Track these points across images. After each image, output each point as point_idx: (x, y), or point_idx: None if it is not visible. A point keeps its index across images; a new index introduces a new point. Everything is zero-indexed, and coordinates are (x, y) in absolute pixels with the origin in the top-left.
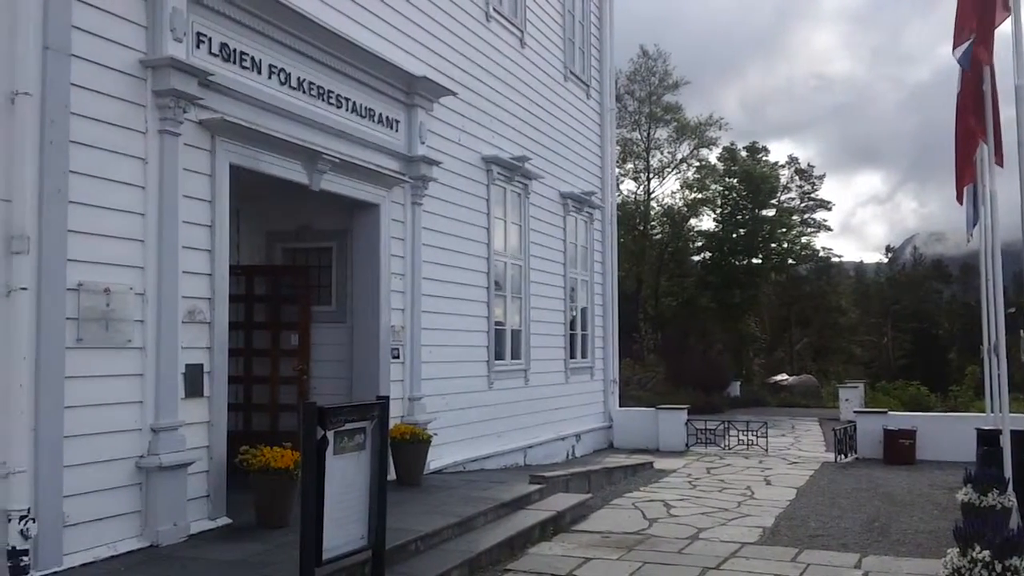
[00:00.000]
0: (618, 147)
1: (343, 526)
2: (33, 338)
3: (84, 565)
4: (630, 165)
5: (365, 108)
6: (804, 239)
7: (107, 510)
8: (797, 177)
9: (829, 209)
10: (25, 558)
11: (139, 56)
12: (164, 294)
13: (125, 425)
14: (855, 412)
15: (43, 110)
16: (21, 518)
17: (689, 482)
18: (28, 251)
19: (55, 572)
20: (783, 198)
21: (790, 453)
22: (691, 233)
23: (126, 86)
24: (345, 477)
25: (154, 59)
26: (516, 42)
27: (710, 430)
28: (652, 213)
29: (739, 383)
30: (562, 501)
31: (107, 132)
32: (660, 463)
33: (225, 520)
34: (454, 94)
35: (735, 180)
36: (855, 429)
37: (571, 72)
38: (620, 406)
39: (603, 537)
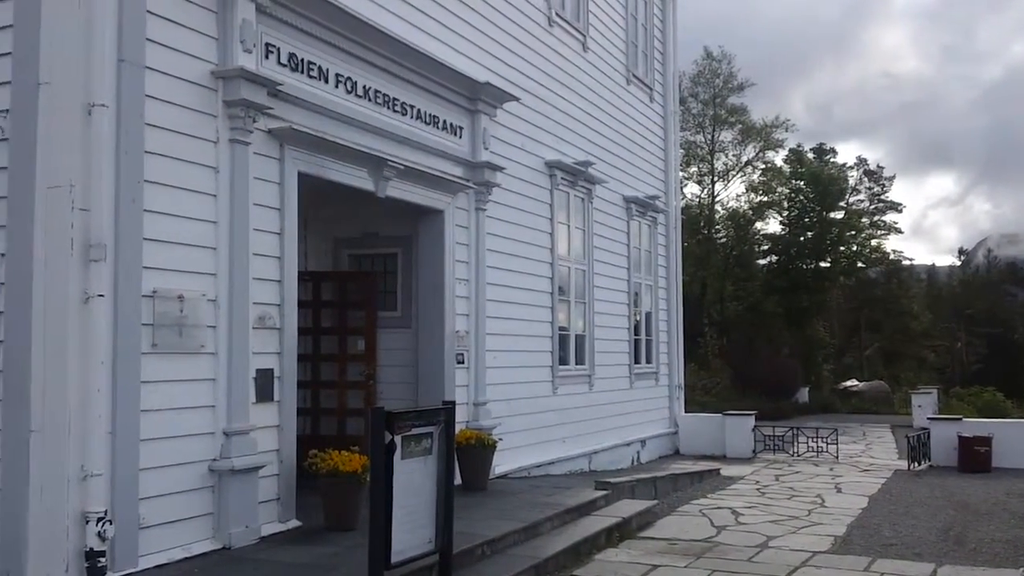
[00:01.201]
0: (682, 150)
1: (411, 530)
2: (110, 344)
3: (159, 566)
4: (694, 168)
5: (429, 115)
6: (874, 242)
7: (181, 512)
8: (866, 179)
9: (899, 211)
10: (102, 559)
11: (210, 67)
12: (235, 300)
13: (198, 429)
14: (928, 418)
15: (119, 121)
16: (99, 520)
17: (757, 489)
18: (105, 259)
19: (131, 573)
20: (852, 200)
21: (861, 460)
22: (757, 236)
23: (198, 97)
24: (412, 481)
25: (225, 70)
26: (579, 46)
27: (778, 436)
28: (717, 216)
29: (808, 389)
30: (628, 507)
31: (180, 142)
32: (727, 470)
33: (295, 523)
34: (517, 99)
35: (802, 182)
36: (929, 436)
37: (634, 75)
38: (685, 411)
39: (670, 544)
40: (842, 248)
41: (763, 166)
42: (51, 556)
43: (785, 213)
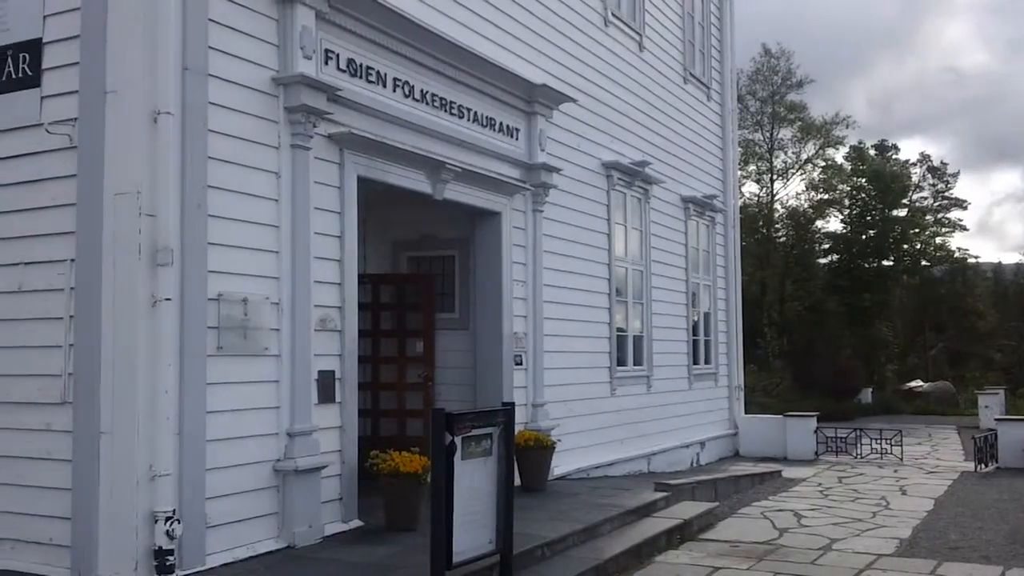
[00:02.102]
0: (740, 148)
1: (471, 530)
2: (177, 346)
3: (225, 565)
4: (752, 167)
5: (486, 117)
6: (938, 240)
7: (246, 512)
8: (930, 175)
9: (964, 208)
10: (171, 557)
11: (271, 74)
12: (297, 303)
13: (262, 430)
14: (996, 420)
15: (183, 128)
16: (167, 519)
17: (820, 491)
18: (172, 263)
19: (198, 571)
20: (915, 197)
21: (927, 462)
22: (817, 235)
23: (259, 103)
24: (472, 482)
25: (286, 76)
26: (635, 46)
27: (840, 438)
28: (776, 215)
29: (871, 390)
30: (688, 509)
31: (242, 148)
32: (788, 472)
33: (357, 523)
34: (574, 100)
35: (863, 180)
36: (996, 437)
37: (691, 74)
38: (745, 413)
39: (731, 546)
40: (905, 246)
41: (823, 164)
42: (121, 554)
43: (846, 211)
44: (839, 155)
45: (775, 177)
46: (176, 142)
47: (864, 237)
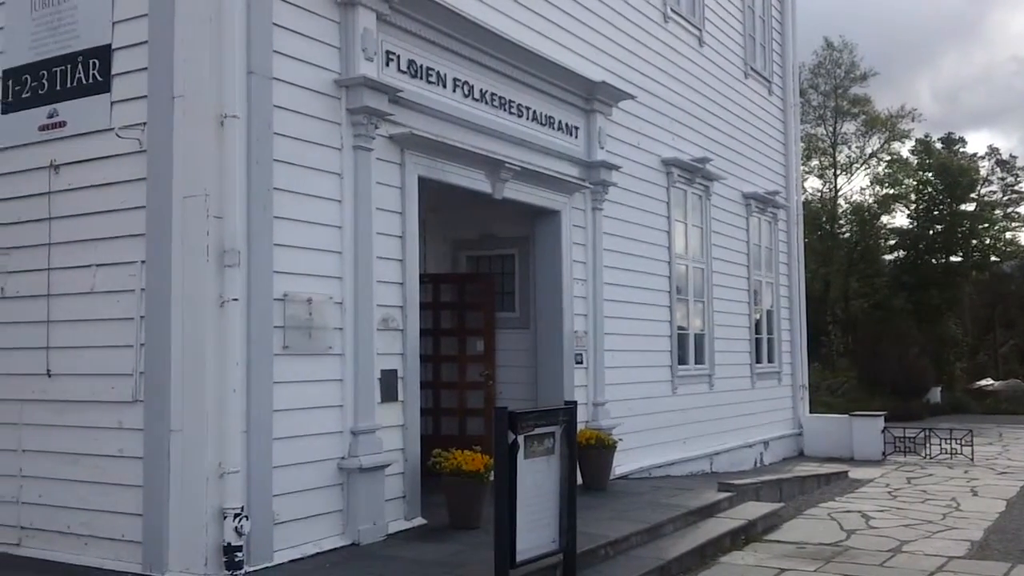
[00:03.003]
0: (802, 143)
1: (534, 529)
2: (244, 346)
3: (292, 561)
4: (815, 162)
5: (545, 116)
6: (1008, 234)
7: (312, 509)
8: (998, 169)
9: None
10: (239, 553)
11: (334, 76)
12: (360, 303)
13: (327, 428)
14: None
15: (249, 131)
16: (235, 515)
17: (888, 492)
18: (239, 264)
19: (266, 568)
20: (983, 191)
21: (998, 463)
22: (882, 231)
23: (322, 105)
24: (535, 481)
25: (348, 78)
26: (695, 41)
27: (909, 438)
28: (839, 211)
29: (939, 389)
30: (753, 510)
31: (306, 150)
32: (855, 472)
33: (420, 520)
34: (633, 97)
35: (930, 174)
36: None
37: (752, 68)
38: (810, 412)
39: (798, 548)
40: (974, 241)
41: (888, 158)
42: (191, 550)
43: (912, 206)
44: (904, 149)
45: (838, 172)
46: (242, 145)
47: (931, 232)
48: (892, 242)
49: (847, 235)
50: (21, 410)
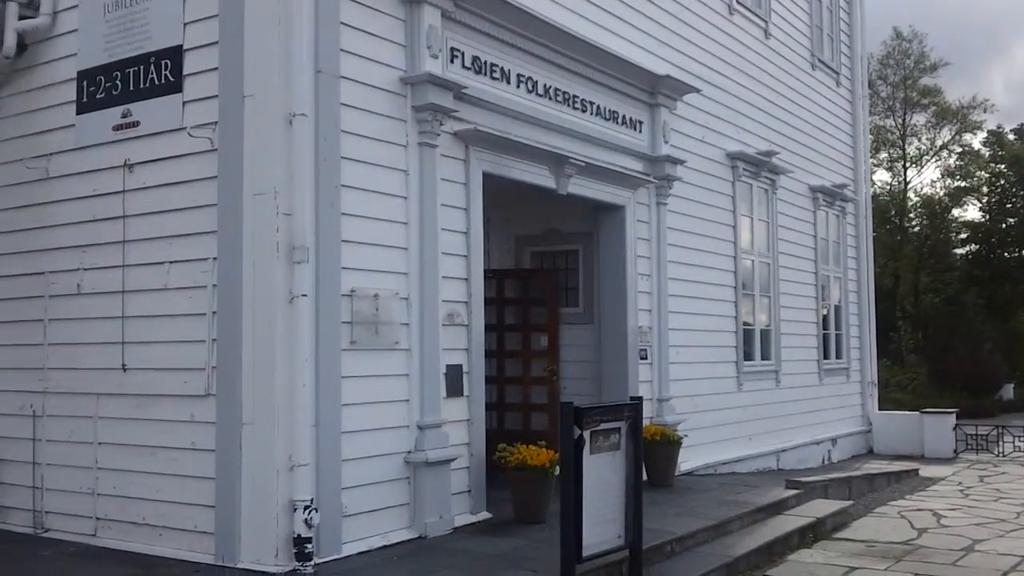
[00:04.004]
0: (871, 136)
1: (600, 524)
2: (313, 341)
3: (360, 553)
4: (884, 154)
5: (609, 111)
6: None
7: (380, 502)
8: None
9: None
10: (309, 545)
11: (399, 74)
12: (426, 298)
13: (394, 422)
14: None
15: (317, 129)
16: (305, 508)
17: (960, 491)
18: (307, 260)
19: (335, 559)
20: None
21: None
22: (954, 224)
23: (388, 103)
24: (601, 476)
25: (413, 76)
26: (760, 33)
27: (980, 436)
28: (909, 204)
29: (1012, 385)
30: (821, 507)
31: (373, 147)
32: (925, 470)
33: (485, 515)
34: (698, 91)
35: (1003, 166)
36: None
37: (819, 60)
38: (879, 409)
39: (867, 546)
40: None
41: (960, 150)
42: (262, 541)
43: (984, 199)
44: (976, 140)
45: (908, 164)
46: (310, 143)
47: (1004, 226)
48: (963, 236)
49: (917, 229)
50: (97, 403)
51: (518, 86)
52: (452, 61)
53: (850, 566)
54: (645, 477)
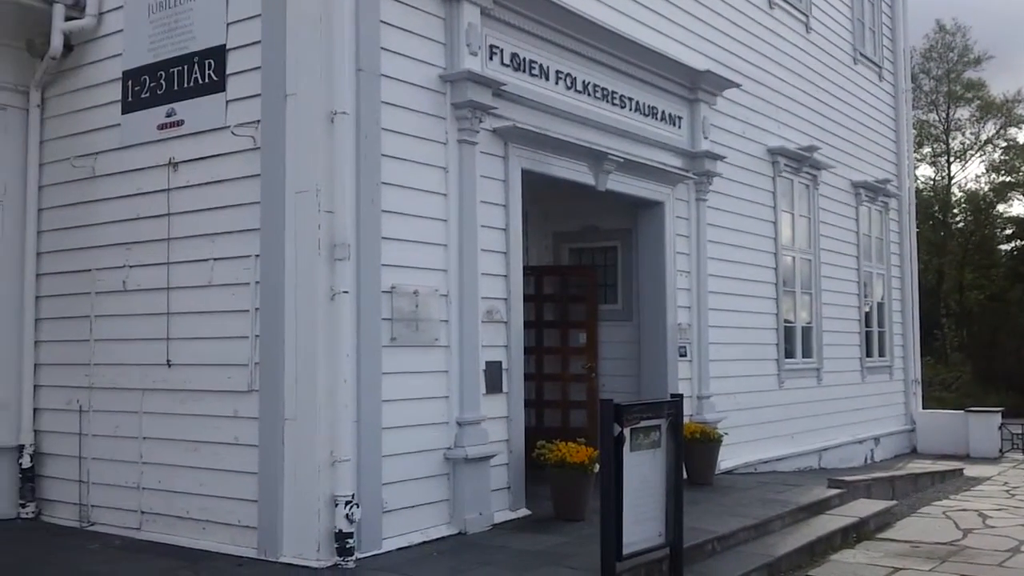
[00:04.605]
0: (914, 130)
1: (640, 522)
2: (354, 337)
3: (400, 549)
4: (927, 149)
5: (648, 106)
6: None
7: (419, 498)
8: None
9: None
10: (350, 540)
11: (439, 71)
12: (465, 295)
13: (434, 419)
14: None
15: (358, 127)
16: (346, 503)
17: (1006, 491)
18: (349, 257)
19: (376, 555)
20: None
21: None
22: (998, 220)
23: (428, 100)
24: (641, 474)
25: (452, 73)
26: (801, 27)
27: None
28: (953, 200)
29: None
30: (864, 507)
31: (413, 144)
32: (970, 470)
33: (524, 511)
34: (738, 86)
35: None
36: None
37: (861, 54)
38: (923, 408)
39: (912, 546)
40: None
41: (1004, 144)
42: (304, 536)
43: None
44: (1022, 135)
45: (952, 159)
46: (351, 141)
47: None
48: (1008, 232)
49: (961, 225)
50: (142, 398)
51: (557, 83)
52: (491, 58)
53: (894, 567)
54: (685, 475)
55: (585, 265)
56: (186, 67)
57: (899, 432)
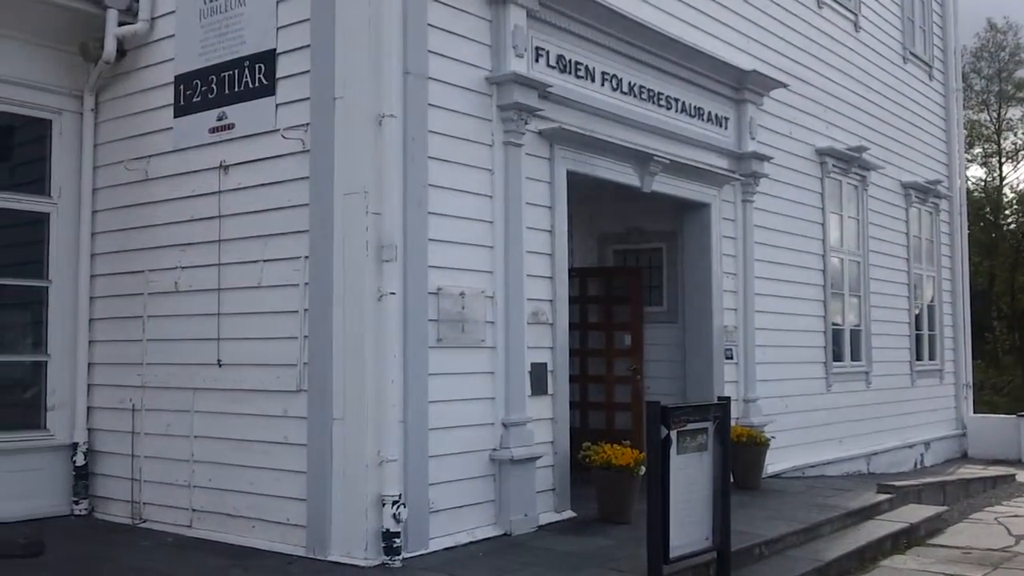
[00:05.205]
0: (964, 130)
1: (687, 526)
2: (400, 338)
3: (446, 549)
4: (978, 150)
5: (694, 107)
6: None
7: (466, 499)
8: None
9: None
10: (397, 540)
11: (484, 74)
12: (511, 296)
13: (479, 420)
14: None
15: (405, 130)
16: (393, 503)
17: None
18: (396, 259)
19: (422, 554)
20: None
21: None
22: None
23: (474, 103)
24: (688, 477)
25: (498, 75)
26: (850, 26)
27: None
28: (1004, 201)
29: None
30: (915, 512)
31: (459, 147)
32: (1023, 475)
33: (569, 513)
34: (785, 86)
35: None
36: None
37: (911, 53)
38: (974, 412)
39: (963, 553)
40: None
41: None
42: (351, 535)
43: None
44: None
45: (1003, 160)
46: (398, 143)
47: None
48: None
49: (1013, 226)
50: (194, 398)
51: (603, 84)
52: (537, 60)
53: (946, 573)
54: (731, 479)
55: (630, 267)
56: (237, 71)
57: (949, 437)
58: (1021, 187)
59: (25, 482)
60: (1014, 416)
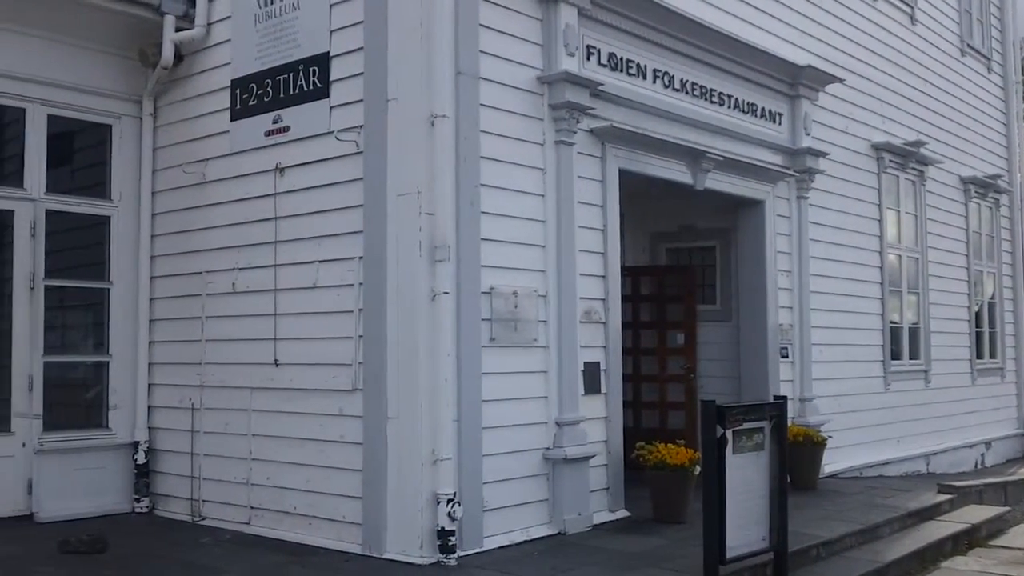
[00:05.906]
0: None
1: (744, 526)
2: (454, 337)
3: (501, 548)
4: None
5: (747, 103)
6: None
7: (520, 497)
8: None
9: None
10: (452, 538)
11: (536, 73)
12: (563, 295)
13: (533, 419)
14: None
15: (457, 130)
16: (448, 501)
17: None
18: (449, 259)
19: (477, 553)
20: None
21: None
22: None
23: (526, 102)
24: (744, 477)
25: (550, 75)
26: (906, 19)
27: None
28: None
29: None
30: (976, 513)
31: (511, 146)
32: None
33: (623, 513)
34: (841, 81)
35: None
36: None
37: (968, 46)
38: None
39: None
40: None
41: None
42: (407, 533)
43: None
44: None
45: None
46: (451, 144)
47: None
48: None
49: None
50: (251, 397)
51: (654, 81)
52: (588, 59)
53: (1008, 575)
54: (788, 479)
55: (683, 265)
56: (291, 75)
57: (1011, 436)
58: None
59: (88, 480)
60: None
